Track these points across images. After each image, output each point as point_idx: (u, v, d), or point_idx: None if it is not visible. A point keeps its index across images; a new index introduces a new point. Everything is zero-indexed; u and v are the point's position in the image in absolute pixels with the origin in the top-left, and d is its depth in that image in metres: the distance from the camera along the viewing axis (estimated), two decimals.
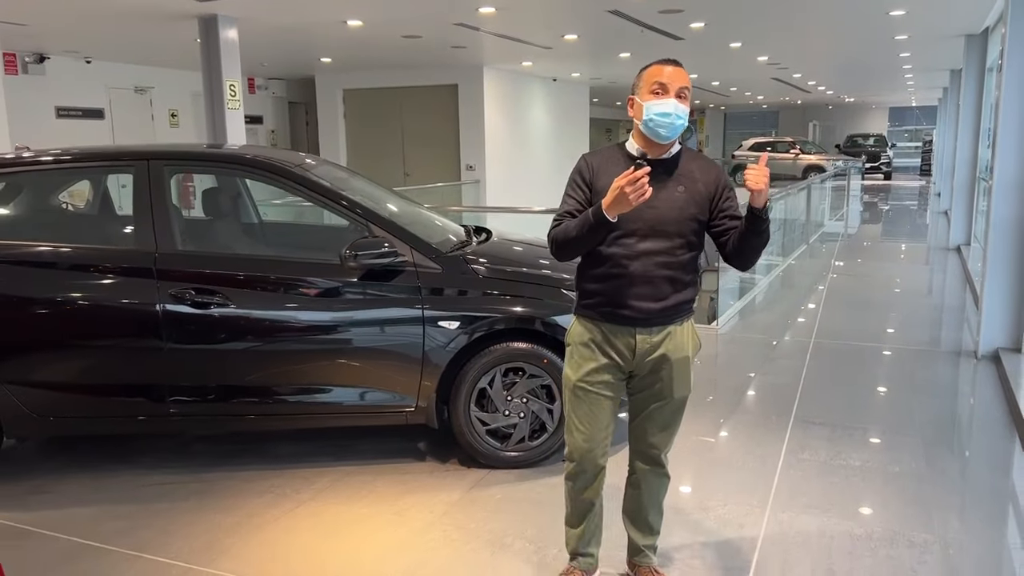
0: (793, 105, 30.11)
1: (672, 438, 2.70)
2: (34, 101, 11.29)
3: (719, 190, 2.51)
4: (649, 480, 2.73)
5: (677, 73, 2.42)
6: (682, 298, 2.53)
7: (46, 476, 3.84)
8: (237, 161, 4.09)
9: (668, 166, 2.48)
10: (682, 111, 2.41)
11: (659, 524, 2.81)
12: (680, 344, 2.56)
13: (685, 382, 2.60)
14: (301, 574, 2.94)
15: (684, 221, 2.45)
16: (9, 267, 3.61)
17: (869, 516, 3.32)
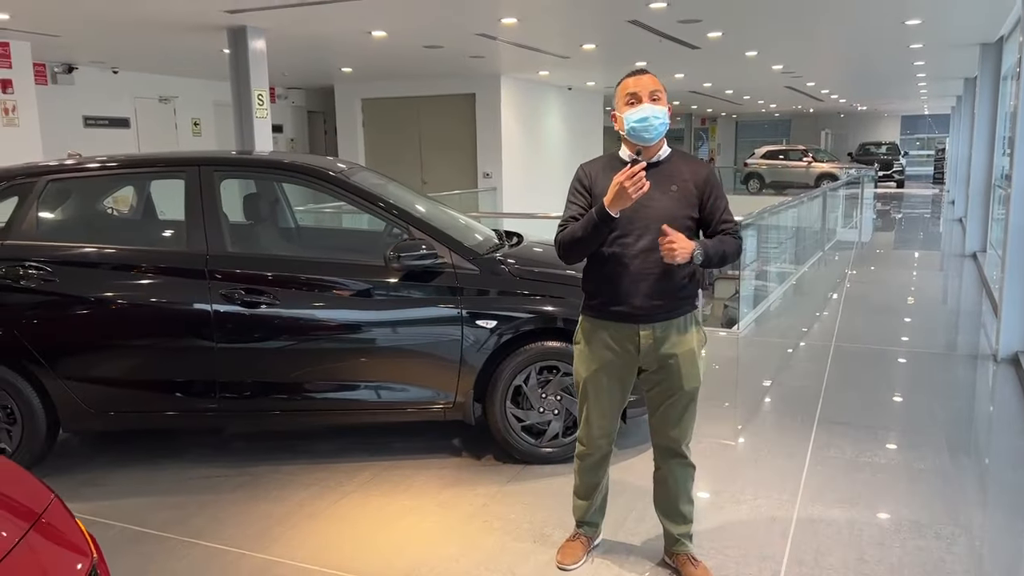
0: (805, 113, 30.19)
1: (690, 429, 2.84)
2: (63, 110, 11.54)
3: (707, 190, 2.67)
4: (675, 472, 2.87)
5: (646, 80, 2.63)
6: (682, 294, 2.70)
7: (99, 469, 3.99)
8: (284, 167, 4.26)
9: (660, 168, 2.66)
10: (658, 111, 2.59)
11: (691, 513, 2.94)
12: (684, 338, 2.71)
13: (693, 374, 2.74)
14: (355, 560, 3.07)
15: (679, 219, 2.61)
16: (67, 268, 3.77)
17: (896, 509, 3.43)
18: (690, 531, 2.96)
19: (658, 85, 2.63)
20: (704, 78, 15.99)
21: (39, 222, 3.86)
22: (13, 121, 9.57)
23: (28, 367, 3.71)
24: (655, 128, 2.59)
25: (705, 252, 2.57)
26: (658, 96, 2.61)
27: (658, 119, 2.59)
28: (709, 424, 4.53)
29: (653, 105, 2.58)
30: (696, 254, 2.55)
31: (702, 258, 2.56)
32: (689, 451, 2.87)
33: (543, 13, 8.35)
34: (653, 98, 2.59)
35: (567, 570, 2.96)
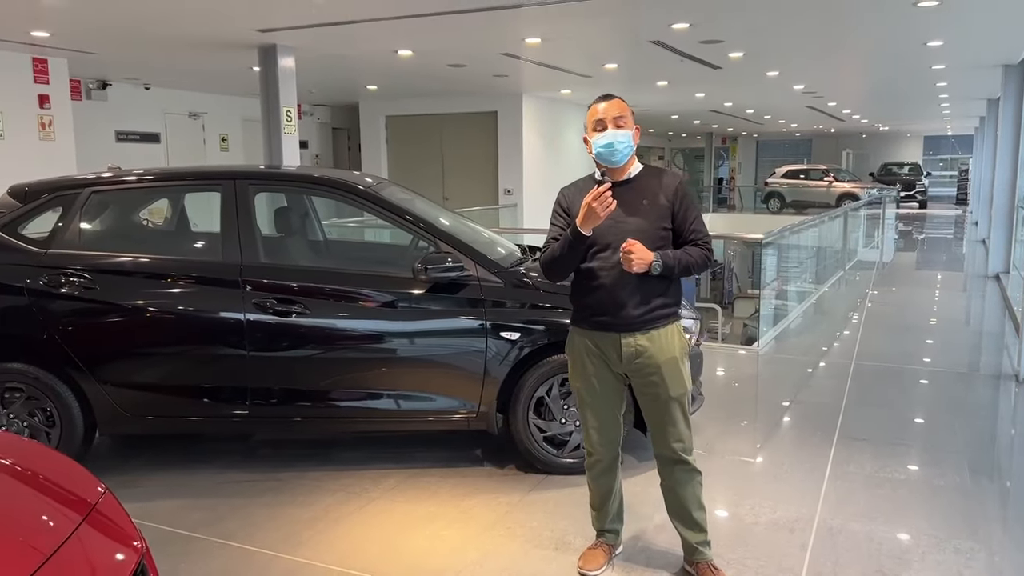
0: (826, 133, 30.13)
1: (687, 435, 2.90)
2: (96, 125, 11.81)
3: (678, 200, 2.81)
4: (680, 479, 2.93)
5: (610, 107, 2.81)
6: (660, 303, 2.81)
7: (134, 471, 4.11)
8: (316, 181, 4.39)
9: (632, 185, 2.84)
10: (621, 135, 2.78)
11: (704, 520, 2.99)
12: (665, 346, 2.82)
13: (677, 381, 2.84)
14: (380, 564, 3.15)
15: (652, 231, 2.77)
16: (107, 276, 3.91)
17: (916, 524, 3.46)
18: (707, 539, 3.00)
19: (624, 110, 2.81)
20: (725, 97, 16.07)
21: (81, 232, 4.01)
22: (49, 135, 9.84)
23: (67, 371, 3.84)
24: (620, 152, 2.79)
25: (664, 263, 2.71)
26: (623, 122, 2.79)
27: (622, 143, 2.78)
28: (729, 440, 4.58)
29: (617, 131, 2.77)
30: (654, 265, 2.69)
31: (660, 267, 2.70)
32: (692, 459, 2.93)
33: (567, 33, 8.49)
34: (618, 124, 2.78)
35: (586, 574, 3.02)
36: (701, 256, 2.79)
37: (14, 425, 3.85)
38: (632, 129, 2.82)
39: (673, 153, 34.92)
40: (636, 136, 2.85)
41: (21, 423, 3.87)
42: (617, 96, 2.85)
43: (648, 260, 2.68)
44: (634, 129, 2.84)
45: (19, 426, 3.86)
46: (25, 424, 3.87)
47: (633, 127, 2.84)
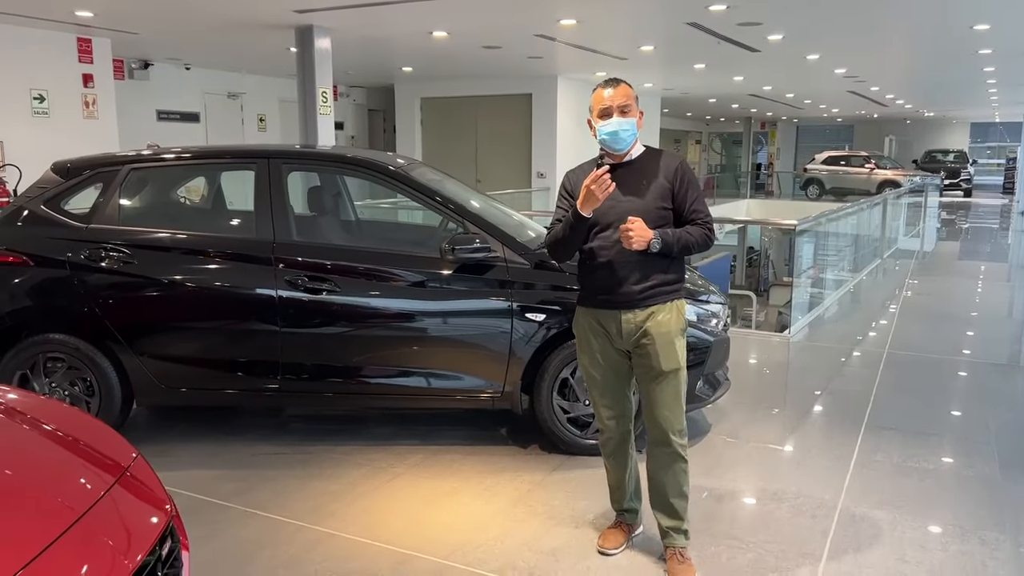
0: (869, 119, 29.46)
1: (676, 416, 2.89)
2: (138, 105, 12.05)
3: (678, 180, 2.85)
4: (662, 461, 2.93)
5: (615, 93, 2.84)
6: (660, 280, 2.85)
7: (170, 442, 4.24)
8: (348, 161, 4.44)
9: (633, 166, 2.90)
10: (626, 123, 2.83)
11: (683, 508, 2.96)
12: (663, 322, 2.85)
13: (671, 356, 2.85)
14: (403, 536, 3.22)
15: (651, 211, 2.81)
16: (145, 251, 4.02)
17: (941, 514, 3.43)
18: (682, 526, 2.96)
19: (629, 97, 2.85)
20: (764, 81, 15.80)
21: (120, 208, 4.12)
22: (93, 114, 10.07)
23: (106, 343, 3.96)
24: (624, 140, 2.85)
25: (663, 240, 2.75)
26: (628, 108, 2.83)
27: (627, 131, 2.84)
28: (755, 426, 4.57)
29: (622, 118, 2.82)
30: (653, 242, 2.74)
31: (659, 245, 2.75)
32: (677, 443, 2.90)
33: (602, 15, 8.43)
34: (623, 111, 2.82)
35: (608, 554, 3.06)
36: (701, 235, 2.82)
37: (56, 393, 3.99)
38: (636, 115, 2.87)
39: (711, 137, 34.47)
40: (640, 121, 2.90)
41: (63, 392, 4.01)
42: (624, 81, 2.88)
43: (647, 238, 2.73)
44: (638, 114, 2.89)
45: (60, 395, 4.00)
46: (66, 393, 4.01)
47: (637, 112, 2.88)
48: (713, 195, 26.65)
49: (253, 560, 3.04)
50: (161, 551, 1.75)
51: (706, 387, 4.19)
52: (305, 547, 3.13)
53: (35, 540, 1.50)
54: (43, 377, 4.00)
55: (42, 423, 2.02)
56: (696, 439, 4.30)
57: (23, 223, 4.11)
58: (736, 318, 13.64)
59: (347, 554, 3.08)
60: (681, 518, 2.96)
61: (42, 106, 9.52)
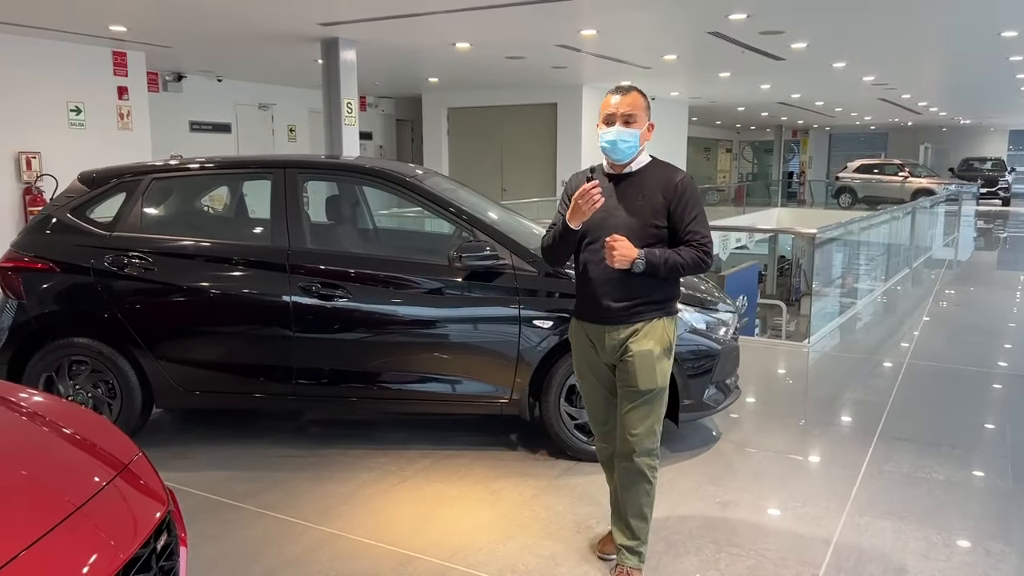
0: (903, 126, 29.03)
1: (646, 433, 2.81)
2: (171, 116, 12.36)
3: (675, 199, 2.73)
4: (625, 477, 2.87)
5: (622, 101, 2.74)
6: (645, 299, 2.78)
7: (186, 444, 4.36)
8: (360, 171, 4.55)
9: (632, 179, 2.80)
10: (627, 135, 2.73)
11: (642, 530, 2.89)
12: (644, 340, 2.78)
13: (649, 376, 2.77)
14: (407, 537, 3.28)
15: (643, 228, 2.72)
16: (164, 258, 4.15)
17: (948, 524, 3.40)
18: (637, 548, 2.89)
19: (636, 107, 2.74)
20: (791, 89, 15.70)
21: (142, 216, 4.26)
22: (127, 125, 10.37)
23: (127, 347, 4.10)
24: (623, 151, 2.75)
25: (648, 261, 2.65)
26: (632, 119, 2.72)
27: (626, 143, 2.73)
28: (766, 434, 4.56)
29: (624, 128, 2.72)
30: (637, 262, 2.65)
31: (643, 266, 2.65)
32: (646, 464, 2.83)
33: (621, 25, 8.48)
34: (627, 121, 2.72)
35: (607, 559, 3.09)
36: (693, 258, 2.70)
37: (79, 395, 4.13)
38: (643, 126, 2.76)
39: (742, 146, 34.24)
40: (648, 132, 2.79)
41: (86, 394, 4.15)
42: (636, 89, 2.78)
43: (631, 257, 2.64)
44: (646, 125, 2.78)
45: (84, 397, 4.14)
46: (89, 395, 4.15)
47: (645, 123, 2.77)
48: (743, 204, 26.48)
49: (260, 558, 3.13)
50: (156, 544, 1.83)
51: (716, 394, 4.20)
52: (311, 547, 3.21)
53: (33, 528, 1.59)
54: (68, 380, 4.15)
55: (51, 421, 2.13)
56: (705, 447, 4.31)
57: (51, 231, 4.27)
58: (766, 328, 13.55)
59: (352, 554, 3.15)
60: (637, 539, 2.89)
61: (79, 118, 9.83)
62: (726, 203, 27.16)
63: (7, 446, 1.93)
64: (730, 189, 29.87)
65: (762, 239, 21.28)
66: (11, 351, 4.15)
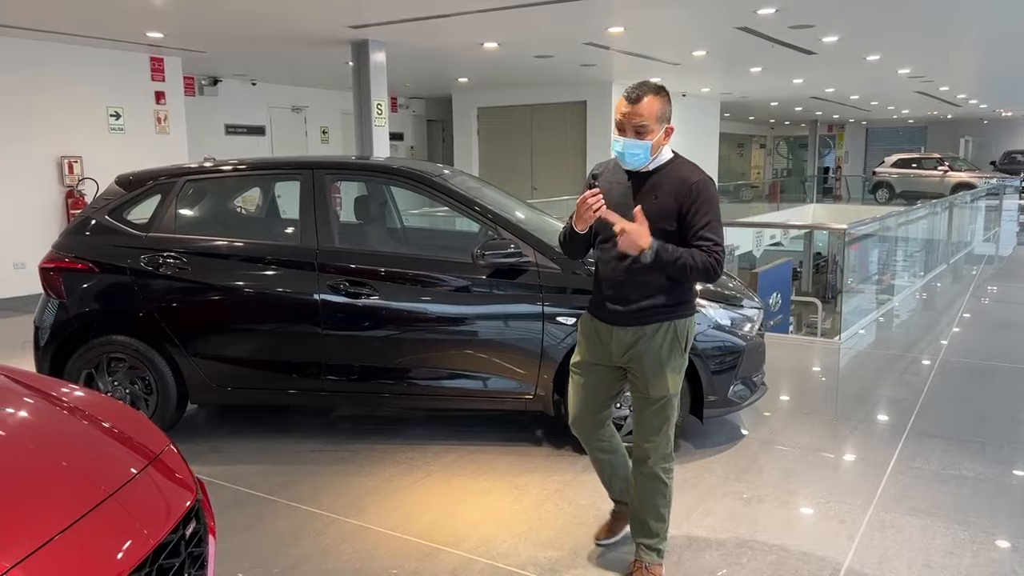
0: (943, 120, 28.40)
1: (658, 442, 2.78)
2: (207, 119, 12.62)
3: (688, 201, 2.61)
4: (641, 480, 2.86)
5: (633, 111, 2.58)
6: (652, 303, 2.69)
7: (220, 439, 4.48)
8: (386, 171, 4.63)
9: (649, 179, 2.69)
10: (636, 147, 2.61)
11: (660, 529, 2.87)
12: (652, 345, 2.70)
13: (659, 384, 2.72)
14: (432, 530, 3.35)
15: (653, 230, 2.56)
16: (198, 258, 4.27)
17: (975, 521, 3.36)
18: (656, 545, 2.88)
19: (649, 115, 2.59)
20: (825, 83, 15.48)
21: (176, 217, 4.39)
22: (164, 129, 10.62)
23: (163, 344, 4.22)
24: (630, 163, 2.66)
25: (659, 254, 2.54)
26: (644, 130, 2.59)
27: (635, 155, 2.63)
28: (792, 431, 4.54)
29: (633, 140, 2.60)
30: (647, 252, 2.53)
31: (651, 257, 2.53)
32: (662, 468, 2.82)
33: (648, 22, 8.46)
34: (638, 132, 2.60)
35: (601, 544, 3.16)
36: (704, 262, 2.56)
37: (117, 391, 4.27)
38: (656, 135, 2.62)
39: (776, 141, 33.82)
40: (665, 138, 2.66)
41: (124, 390, 4.29)
42: (651, 93, 2.60)
43: (642, 245, 2.52)
44: (662, 132, 2.64)
45: (122, 393, 4.27)
46: (127, 391, 4.29)
47: (660, 131, 2.63)
48: (778, 200, 26.15)
49: (289, 549, 3.21)
50: (185, 531, 1.91)
51: (742, 390, 4.19)
52: (338, 538, 3.29)
53: (70, 512, 1.68)
54: (107, 376, 4.29)
55: (89, 414, 2.22)
56: (732, 443, 4.31)
57: (90, 232, 4.42)
58: (800, 326, 13.39)
59: (376, 546, 3.22)
60: (656, 536, 2.88)
61: (118, 123, 10.09)
62: (760, 199, 26.88)
63: (50, 437, 2.03)
64: (764, 185, 29.55)
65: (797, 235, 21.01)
66: (53, 348, 4.30)
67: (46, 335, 4.31)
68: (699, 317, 3.97)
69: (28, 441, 2.00)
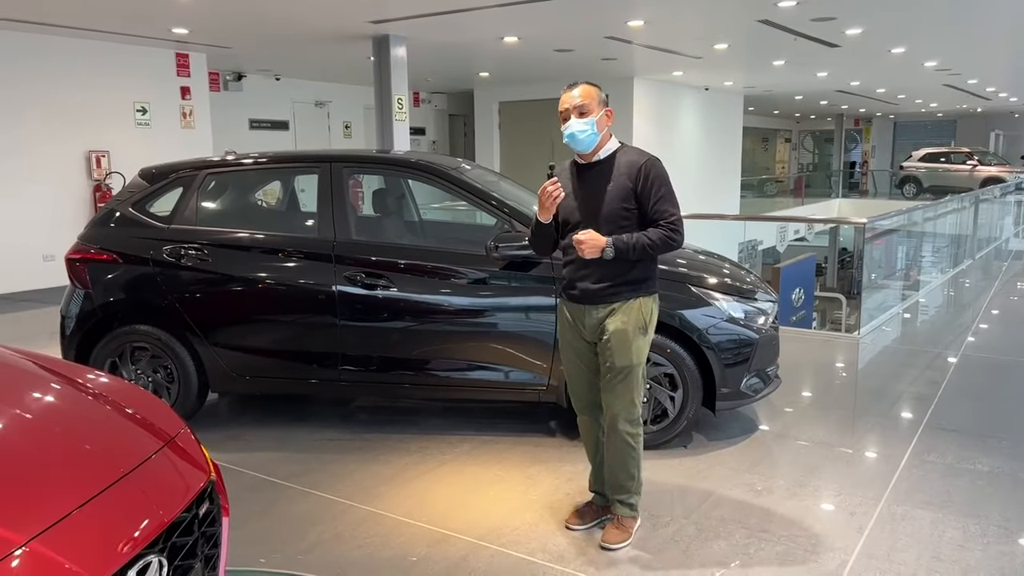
0: (972, 113, 27.91)
1: (625, 404, 3.03)
2: (232, 114, 12.79)
3: (641, 179, 2.89)
4: (612, 445, 3.10)
5: (569, 97, 2.93)
6: (619, 280, 2.95)
7: (240, 427, 4.57)
8: (402, 164, 4.68)
9: (599, 166, 2.99)
10: (581, 125, 2.91)
11: (632, 486, 3.14)
12: (621, 320, 2.97)
13: (624, 353, 2.97)
14: (444, 518, 3.40)
15: (613, 212, 2.90)
16: (218, 250, 4.35)
17: (988, 515, 3.35)
18: (628, 500, 3.14)
19: (588, 97, 2.91)
20: (850, 76, 15.30)
21: (198, 209, 4.47)
22: (190, 124, 10.79)
23: (184, 334, 4.32)
24: (582, 141, 2.94)
25: (616, 247, 2.85)
26: (585, 109, 2.90)
27: (583, 132, 2.92)
28: (806, 424, 4.54)
29: (578, 120, 2.90)
30: (606, 250, 2.86)
31: (612, 253, 2.85)
32: (629, 432, 3.05)
33: (669, 15, 8.43)
34: (580, 112, 2.90)
35: (572, 529, 3.27)
36: (661, 237, 2.87)
37: (140, 380, 4.38)
38: (597, 114, 2.92)
39: (801, 135, 33.47)
40: (605, 119, 2.96)
41: (147, 378, 4.39)
42: (585, 83, 2.95)
43: (599, 246, 2.85)
44: (602, 113, 2.94)
45: (145, 381, 4.38)
46: (150, 379, 4.39)
47: (600, 111, 2.93)
48: (802, 195, 25.90)
49: (304, 534, 3.28)
50: (198, 510, 1.97)
51: (756, 383, 4.19)
52: (352, 524, 3.36)
53: (87, 490, 1.75)
54: (130, 365, 4.39)
55: (110, 399, 2.30)
56: (745, 435, 4.32)
57: (114, 224, 4.52)
58: (824, 321, 13.28)
59: (389, 532, 3.28)
60: (628, 492, 3.13)
61: (144, 118, 10.27)
62: (784, 194, 26.64)
63: (72, 420, 2.11)
64: (789, 180, 29.26)
65: (822, 231, 20.80)
66: (79, 337, 4.42)
67: (72, 324, 4.43)
68: (712, 310, 4.04)
69: (52, 424, 2.08)
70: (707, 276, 4.19)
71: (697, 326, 3.97)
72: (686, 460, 3.95)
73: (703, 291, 4.08)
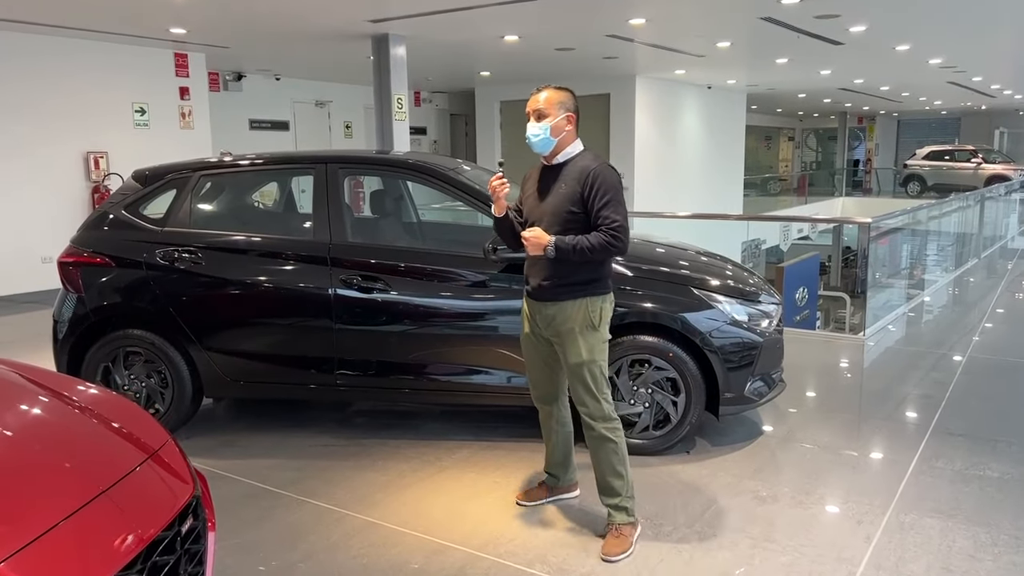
0: (977, 111, 27.77)
1: (590, 404, 3.10)
2: (231, 114, 12.72)
3: (587, 186, 2.97)
4: (591, 444, 3.16)
5: (533, 100, 3.07)
6: (565, 279, 3.05)
7: (235, 433, 4.50)
8: (399, 165, 4.61)
9: (556, 170, 3.10)
10: (536, 129, 3.04)
11: (621, 487, 3.14)
12: (568, 317, 3.06)
13: (574, 350, 3.07)
14: (442, 527, 3.32)
15: (561, 214, 3.01)
16: (212, 253, 4.28)
17: (999, 523, 3.26)
18: (621, 504, 3.14)
19: (549, 102, 3.02)
20: (854, 74, 15.19)
21: (191, 212, 4.40)
22: (189, 124, 10.72)
23: (178, 338, 4.25)
24: (536, 144, 3.07)
25: (558, 247, 2.95)
26: (543, 113, 3.02)
27: (537, 136, 3.04)
28: (811, 428, 4.45)
29: (533, 124, 3.04)
30: (548, 249, 2.96)
31: (552, 252, 2.95)
32: (604, 427, 3.09)
33: (670, 13, 8.35)
34: (538, 116, 3.03)
35: (522, 505, 3.47)
36: (601, 242, 2.93)
37: (134, 385, 4.31)
38: (555, 118, 3.01)
39: (804, 134, 33.33)
40: (564, 123, 3.03)
41: (140, 383, 4.32)
42: (552, 88, 3.06)
43: (542, 244, 2.96)
44: (561, 117, 3.02)
45: (138, 386, 4.31)
46: (143, 384, 4.32)
47: (560, 114, 3.01)
48: (806, 194, 25.78)
49: (298, 544, 3.21)
50: (181, 527, 1.90)
51: (760, 387, 4.12)
52: (347, 534, 3.28)
53: (64, 506, 1.67)
54: (123, 370, 4.32)
55: (90, 409, 2.23)
56: (749, 440, 4.24)
57: (107, 227, 4.45)
58: (828, 321, 13.18)
59: (385, 542, 3.21)
60: (619, 495, 3.13)
61: (143, 118, 10.20)
62: (788, 193, 26.54)
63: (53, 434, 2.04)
64: (792, 178, 29.14)
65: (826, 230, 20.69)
66: (71, 342, 4.34)
67: (64, 329, 4.36)
68: (715, 313, 3.97)
69: (31, 439, 2.00)
70: (710, 278, 4.11)
71: (700, 329, 3.89)
72: (689, 466, 3.88)
73: (706, 293, 4.00)
